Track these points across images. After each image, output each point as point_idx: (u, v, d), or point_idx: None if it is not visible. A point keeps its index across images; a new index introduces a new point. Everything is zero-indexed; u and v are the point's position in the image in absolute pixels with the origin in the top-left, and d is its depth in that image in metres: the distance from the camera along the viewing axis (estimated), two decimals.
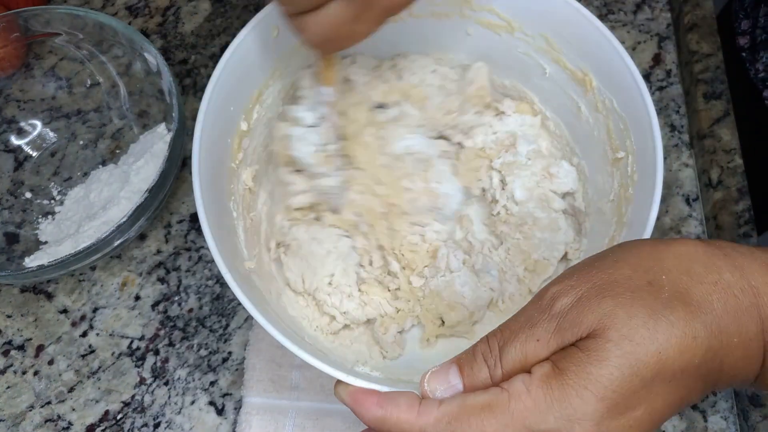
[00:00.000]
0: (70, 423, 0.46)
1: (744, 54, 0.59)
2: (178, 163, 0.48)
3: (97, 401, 0.47)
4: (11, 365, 0.48)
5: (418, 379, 0.36)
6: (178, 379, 0.47)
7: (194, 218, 0.52)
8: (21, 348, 0.49)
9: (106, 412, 0.46)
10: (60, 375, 0.48)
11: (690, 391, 0.25)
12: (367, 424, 0.29)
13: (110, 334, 0.49)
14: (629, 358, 0.24)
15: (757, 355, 0.26)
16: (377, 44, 0.45)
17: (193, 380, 0.47)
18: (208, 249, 0.35)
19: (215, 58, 0.58)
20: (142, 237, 0.52)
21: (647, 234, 0.34)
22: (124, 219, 0.44)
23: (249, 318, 0.48)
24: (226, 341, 0.48)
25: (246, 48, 0.39)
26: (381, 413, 0.28)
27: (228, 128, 0.40)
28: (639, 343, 0.24)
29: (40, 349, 0.48)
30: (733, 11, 0.56)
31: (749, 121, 0.55)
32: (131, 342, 0.48)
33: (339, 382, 0.31)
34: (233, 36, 0.39)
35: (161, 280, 0.50)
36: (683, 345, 0.24)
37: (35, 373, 0.48)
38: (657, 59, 0.57)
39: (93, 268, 0.51)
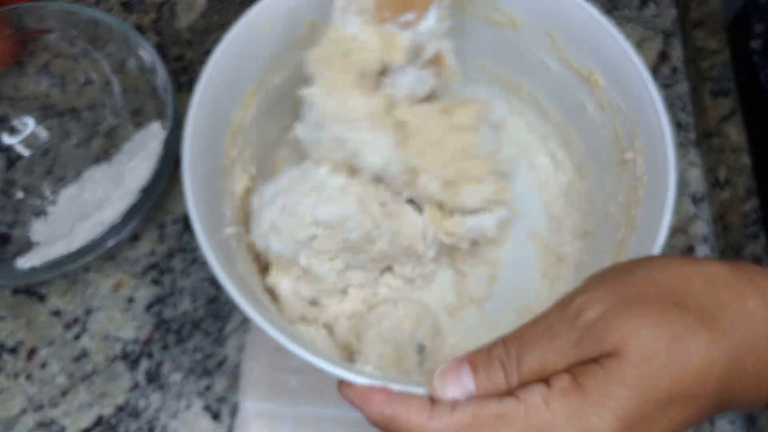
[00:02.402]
0: (63, 427, 0.45)
1: (756, 58, 0.59)
2: (173, 162, 0.47)
3: (90, 405, 0.46)
4: (3, 368, 0.47)
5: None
6: (173, 383, 0.46)
7: (188, 219, 0.51)
8: (13, 351, 0.48)
9: (100, 417, 0.45)
10: (53, 378, 0.47)
11: (700, 413, 0.25)
12: (373, 423, 0.28)
13: (104, 337, 0.48)
14: (648, 381, 0.24)
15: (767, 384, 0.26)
16: None
17: (188, 384, 0.46)
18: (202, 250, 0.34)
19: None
20: (136, 238, 0.51)
21: (660, 238, 0.33)
22: (118, 219, 0.44)
23: (245, 321, 0.47)
24: (221, 344, 0.47)
25: (239, 43, 0.39)
26: (390, 412, 0.27)
27: (221, 125, 0.39)
28: (658, 368, 0.24)
29: (32, 352, 0.48)
30: (747, 13, 0.55)
31: (757, 122, 0.54)
32: (125, 345, 0.47)
33: (343, 380, 0.30)
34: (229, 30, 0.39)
35: (155, 282, 0.49)
36: (700, 371, 0.24)
37: (27, 377, 0.47)
38: (663, 56, 0.56)
39: (86, 270, 0.50)
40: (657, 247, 0.33)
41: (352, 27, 0.35)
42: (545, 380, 0.25)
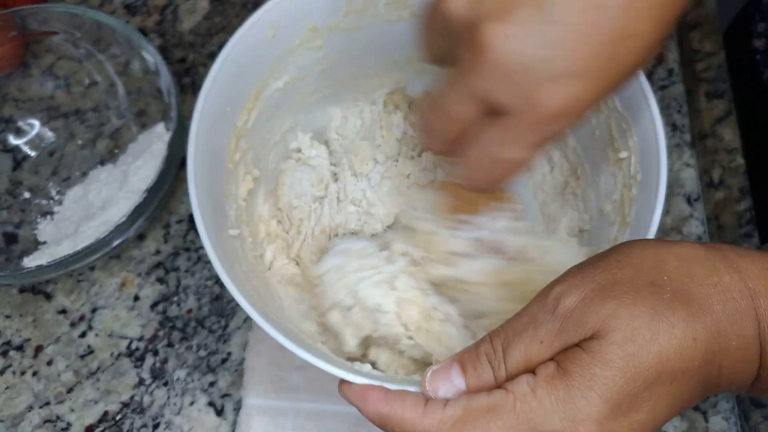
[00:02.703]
0: (69, 424, 0.46)
1: (758, 57, 0.59)
2: (177, 163, 0.48)
3: (96, 402, 0.46)
4: (10, 366, 0.48)
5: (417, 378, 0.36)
6: (178, 379, 0.47)
7: (193, 218, 0.52)
8: (20, 348, 0.48)
9: (105, 413, 0.46)
10: (59, 375, 0.47)
11: (690, 393, 0.25)
12: (370, 421, 0.29)
13: (109, 335, 0.48)
14: (632, 359, 0.24)
15: (753, 360, 0.26)
16: (381, 45, 0.45)
17: (193, 381, 0.47)
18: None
19: (214, 56, 0.57)
20: (141, 237, 0.51)
21: (651, 235, 0.33)
22: (123, 219, 0.44)
23: (248, 319, 0.48)
24: (225, 342, 0.48)
25: (242, 47, 0.39)
26: (386, 410, 0.28)
27: (225, 129, 0.40)
28: (641, 344, 0.24)
29: (38, 349, 0.48)
30: (749, 13, 0.56)
31: (755, 122, 0.55)
32: (130, 342, 0.48)
33: (343, 380, 0.30)
34: (232, 34, 0.39)
35: (160, 281, 0.50)
36: (684, 346, 0.24)
37: (34, 374, 0.48)
38: (659, 58, 0.57)
39: (92, 269, 0.51)
40: None
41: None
42: (532, 371, 0.26)
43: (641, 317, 0.24)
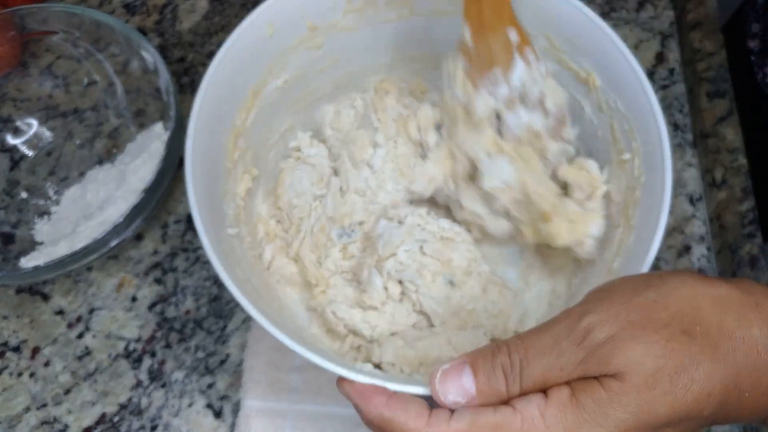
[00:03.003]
0: (66, 425, 0.46)
1: (753, 57, 0.59)
2: (175, 163, 0.48)
3: (93, 403, 0.46)
4: (7, 367, 0.48)
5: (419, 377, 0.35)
6: (175, 381, 0.46)
7: (191, 218, 0.52)
8: (17, 349, 0.48)
9: (103, 415, 0.46)
10: (56, 377, 0.47)
11: (693, 429, 0.26)
12: (367, 423, 0.29)
13: (107, 336, 0.48)
14: (647, 407, 0.25)
15: (764, 406, 0.26)
16: (381, 44, 0.45)
17: (191, 382, 0.46)
18: (204, 250, 0.34)
19: (213, 56, 0.57)
20: (138, 237, 0.51)
21: (657, 238, 0.33)
22: (121, 219, 0.44)
23: (247, 320, 0.48)
24: (223, 343, 0.47)
25: (240, 46, 0.39)
26: (388, 414, 0.27)
27: (223, 128, 0.39)
28: (659, 395, 0.25)
29: (35, 350, 0.48)
30: (744, 13, 0.56)
31: (757, 122, 0.55)
32: (128, 344, 0.48)
33: (342, 378, 0.30)
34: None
35: (158, 281, 0.50)
36: (698, 399, 0.25)
37: (31, 375, 0.47)
38: (660, 58, 0.57)
39: (89, 269, 0.50)
40: (654, 246, 0.33)
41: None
42: (544, 391, 0.26)
43: (665, 369, 0.25)
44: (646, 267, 0.33)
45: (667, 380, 0.25)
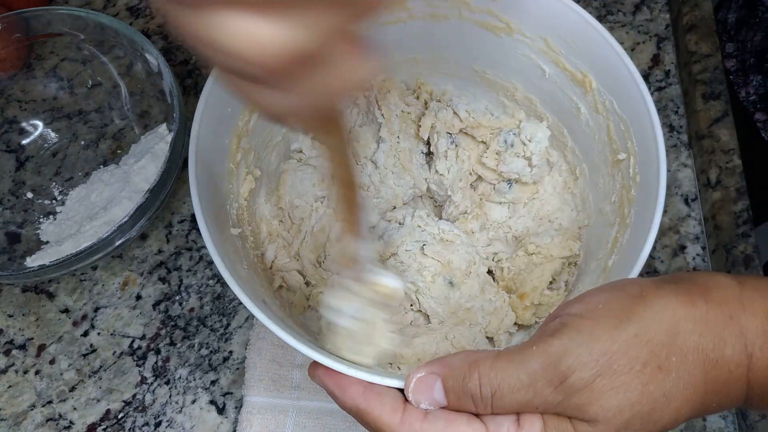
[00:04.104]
0: (71, 422, 0.46)
1: (731, 77, 0.59)
2: (179, 164, 0.48)
3: (98, 400, 0.47)
4: (13, 365, 0.48)
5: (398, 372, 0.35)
6: (179, 378, 0.47)
7: (195, 218, 0.52)
8: (22, 347, 0.49)
9: (108, 411, 0.46)
10: (61, 374, 0.48)
11: None
12: (345, 410, 0.29)
13: (111, 334, 0.49)
14: None
15: (730, 408, 0.29)
16: (381, 47, 0.46)
17: (194, 379, 0.47)
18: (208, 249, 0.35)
19: None
20: (143, 237, 0.52)
21: (651, 236, 0.34)
22: (125, 219, 0.44)
23: (250, 317, 0.48)
24: (227, 340, 0.48)
25: None
26: (364, 405, 0.28)
27: (226, 129, 0.40)
28: None
29: (41, 348, 0.49)
30: (718, 33, 0.56)
31: (752, 124, 0.55)
32: (132, 341, 0.48)
33: (316, 363, 0.30)
34: None
35: (162, 280, 0.50)
36: (667, 425, 0.26)
37: (36, 373, 0.48)
38: (656, 60, 0.57)
39: (94, 268, 0.51)
40: (647, 243, 0.34)
41: None
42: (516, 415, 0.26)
43: (640, 415, 0.25)
44: (639, 265, 0.33)
45: (639, 422, 0.25)
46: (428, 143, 0.48)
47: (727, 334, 0.26)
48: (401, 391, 0.29)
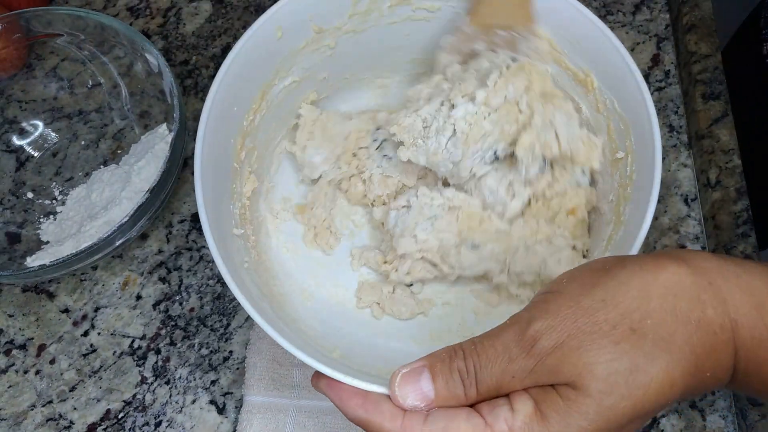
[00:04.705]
0: (71, 422, 0.46)
1: None
2: (179, 164, 0.49)
3: (98, 400, 0.47)
4: (13, 364, 0.48)
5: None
6: (180, 378, 0.47)
7: (195, 218, 0.52)
8: (23, 347, 0.49)
9: (108, 411, 0.46)
10: (61, 374, 0.48)
11: (657, 413, 0.27)
12: (353, 422, 0.30)
13: (111, 334, 0.49)
14: (608, 412, 0.25)
15: (725, 378, 0.27)
16: (386, 47, 0.46)
17: (194, 379, 0.47)
18: (209, 249, 0.35)
19: (216, 59, 0.58)
20: (143, 237, 0.52)
21: (643, 232, 0.34)
22: (126, 219, 0.44)
23: (249, 317, 0.48)
24: (227, 340, 0.48)
25: (250, 49, 0.40)
26: (365, 416, 0.28)
27: (231, 129, 0.40)
28: (617, 399, 0.25)
29: (41, 348, 0.49)
30: (761, 17, 0.55)
31: (752, 123, 0.55)
32: (132, 341, 0.48)
33: (318, 373, 0.31)
34: (234, 37, 0.40)
35: (162, 280, 0.50)
36: (660, 393, 0.25)
37: (37, 373, 0.48)
38: (656, 60, 0.58)
39: (94, 268, 0.51)
40: (639, 239, 0.34)
41: None
42: (508, 397, 0.26)
43: (618, 372, 0.25)
44: None
45: (623, 383, 0.25)
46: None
47: (706, 297, 0.26)
48: None
